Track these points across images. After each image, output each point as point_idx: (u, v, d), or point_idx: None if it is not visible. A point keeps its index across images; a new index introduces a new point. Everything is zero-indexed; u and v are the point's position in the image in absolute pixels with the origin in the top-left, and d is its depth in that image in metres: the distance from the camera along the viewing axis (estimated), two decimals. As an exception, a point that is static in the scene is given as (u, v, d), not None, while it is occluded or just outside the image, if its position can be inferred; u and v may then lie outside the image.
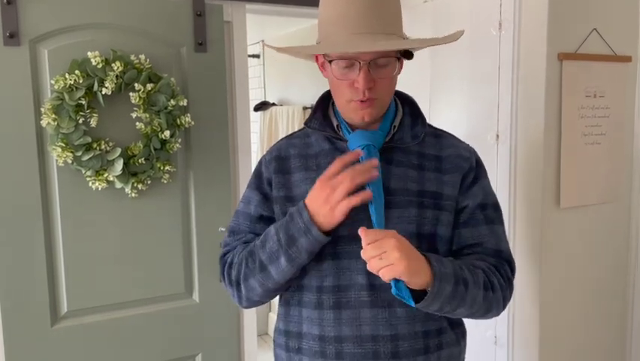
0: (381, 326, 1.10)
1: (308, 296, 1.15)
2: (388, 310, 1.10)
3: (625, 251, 2.01)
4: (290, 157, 1.21)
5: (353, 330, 1.10)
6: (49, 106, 1.71)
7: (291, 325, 1.18)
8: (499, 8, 1.84)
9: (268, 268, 1.11)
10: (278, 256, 1.09)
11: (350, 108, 1.11)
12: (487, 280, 1.10)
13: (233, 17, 2.10)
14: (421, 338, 1.12)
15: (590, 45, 1.81)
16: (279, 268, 1.10)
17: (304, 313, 1.15)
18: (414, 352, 1.11)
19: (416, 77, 2.19)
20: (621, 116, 1.92)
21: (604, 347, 2.00)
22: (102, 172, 1.80)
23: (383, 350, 1.10)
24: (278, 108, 3.88)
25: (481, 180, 1.20)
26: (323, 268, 1.13)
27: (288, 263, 1.09)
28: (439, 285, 1.01)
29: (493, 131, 1.89)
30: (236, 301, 1.21)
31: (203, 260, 2.04)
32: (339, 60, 1.07)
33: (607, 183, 1.91)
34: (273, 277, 1.11)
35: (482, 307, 1.10)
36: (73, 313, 1.87)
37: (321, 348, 1.13)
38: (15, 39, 1.71)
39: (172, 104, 1.84)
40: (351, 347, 1.10)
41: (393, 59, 1.08)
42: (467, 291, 1.05)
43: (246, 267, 1.15)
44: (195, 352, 2.08)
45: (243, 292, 1.16)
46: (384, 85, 1.10)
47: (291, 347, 1.17)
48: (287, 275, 1.11)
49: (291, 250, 1.08)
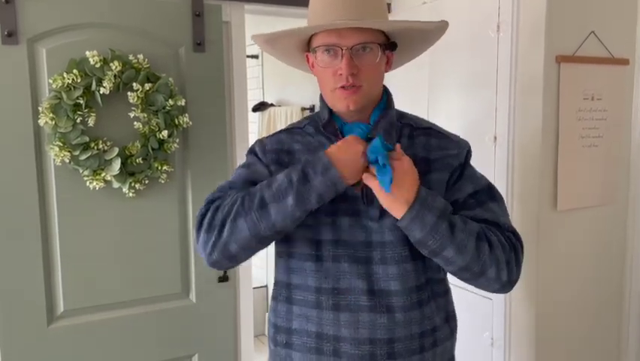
0: (379, 331, 1.11)
1: (303, 295, 1.16)
2: (387, 315, 1.11)
3: (622, 253, 2.01)
4: (295, 152, 1.21)
5: (351, 332, 1.11)
6: (47, 105, 1.71)
7: (279, 320, 1.20)
8: (497, 10, 1.84)
9: (269, 207, 1.05)
10: (285, 194, 1.04)
11: (335, 97, 1.12)
12: (484, 234, 1.09)
13: (231, 17, 2.10)
14: (417, 339, 1.14)
15: (587, 48, 1.81)
16: (283, 207, 1.04)
17: (295, 310, 1.16)
18: (409, 352, 1.12)
19: (414, 79, 2.19)
20: (619, 118, 1.93)
21: (600, 348, 2.01)
22: (100, 172, 1.80)
23: (380, 352, 1.11)
24: (276, 109, 3.88)
25: (465, 171, 1.19)
26: (323, 269, 1.14)
27: (294, 203, 1.04)
28: (420, 209, 1.04)
29: (491, 133, 1.89)
30: (206, 250, 1.10)
31: (200, 261, 2.04)
32: (323, 47, 1.10)
33: (604, 185, 1.91)
34: (271, 218, 1.05)
35: (476, 258, 1.07)
36: (69, 312, 1.87)
37: (317, 345, 1.14)
38: (13, 38, 1.71)
39: (170, 104, 1.83)
40: (348, 348, 1.12)
41: (376, 46, 1.11)
42: (454, 232, 1.05)
43: (240, 205, 1.08)
44: (191, 352, 2.07)
45: (224, 235, 1.07)
46: (369, 73, 1.11)
47: (278, 341, 1.20)
48: (287, 220, 1.05)
49: (303, 189, 1.04)
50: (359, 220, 1.13)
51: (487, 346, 1.95)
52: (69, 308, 1.86)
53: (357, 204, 1.14)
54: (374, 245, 1.13)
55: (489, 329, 1.94)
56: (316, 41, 1.13)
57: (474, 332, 1.97)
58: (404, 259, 1.13)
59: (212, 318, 2.08)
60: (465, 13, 1.97)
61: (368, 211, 1.13)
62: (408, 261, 1.13)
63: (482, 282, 1.11)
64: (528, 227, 1.82)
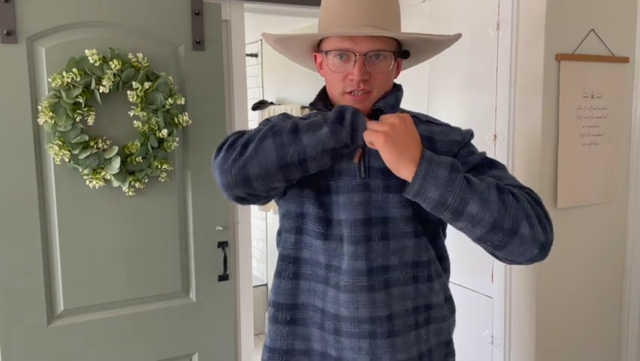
0: (379, 308, 1.12)
1: (312, 269, 1.16)
2: (384, 291, 1.12)
3: (621, 251, 2.02)
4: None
5: (351, 312, 1.12)
6: (47, 104, 1.71)
7: (281, 297, 1.19)
8: (497, 9, 1.84)
9: (301, 134, 1.03)
10: (320, 126, 1.03)
11: (344, 101, 1.12)
12: (503, 186, 1.03)
13: (231, 16, 2.09)
14: (412, 315, 1.15)
15: (587, 46, 1.81)
16: (318, 135, 1.02)
17: (303, 285, 1.17)
18: (407, 328, 1.14)
19: (414, 77, 2.19)
20: (619, 117, 1.93)
21: (600, 346, 2.01)
22: (99, 170, 1.80)
23: (380, 330, 1.12)
24: (276, 107, 3.88)
25: (465, 149, 1.17)
26: (331, 248, 1.14)
27: (330, 133, 1.02)
28: (429, 165, 0.99)
29: (491, 132, 1.89)
30: (223, 167, 1.07)
31: (200, 259, 2.04)
32: (336, 51, 1.09)
33: (604, 183, 1.92)
34: (302, 142, 1.02)
35: (504, 212, 0.99)
36: (69, 311, 1.87)
37: (321, 320, 1.16)
38: (12, 37, 1.70)
39: (169, 102, 1.83)
40: (348, 327, 1.13)
41: (389, 54, 1.10)
42: (471, 184, 0.99)
43: (270, 129, 1.05)
44: (192, 351, 2.08)
45: (247, 153, 1.04)
46: (379, 80, 1.11)
47: (280, 319, 1.19)
48: (318, 147, 1.02)
49: (338, 121, 1.03)
50: (358, 195, 1.12)
51: (487, 344, 1.95)
52: (69, 307, 1.86)
53: (354, 179, 1.13)
54: (373, 222, 1.12)
55: (489, 327, 1.94)
56: (329, 44, 1.11)
57: (474, 330, 1.97)
58: (405, 235, 1.13)
59: (212, 317, 2.09)
60: (465, 11, 1.97)
61: (368, 184, 1.12)
62: (410, 237, 1.14)
63: (516, 246, 1.01)
64: (528, 225, 1.81)
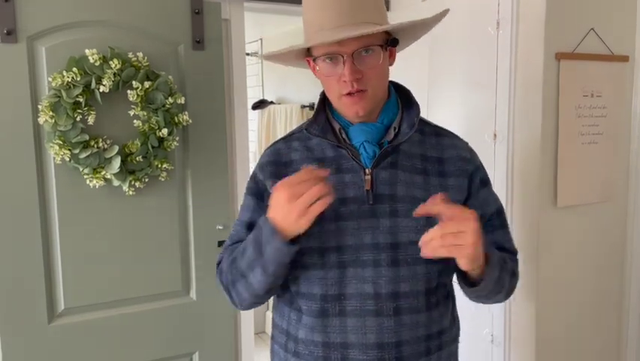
0: (387, 334, 1.09)
1: (308, 304, 1.12)
2: (394, 318, 1.09)
3: (621, 250, 2.02)
4: (292, 162, 1.17)
5: (359, 338, 1.09)
6: (47, 103, 1.71)
7: (291, 327, 1.17)
8: (496, 7, 1.84)
9: (248, 277, 1.09)
10: (255, 265, 1.07)
11: (342, 104, 1.10)
12: (512, 269, 1.19)
13: (231, 15, 2.09)
14: (424, 342, 1.12)
15: (587, 45, 1.81)
16: (256, 277, 1.07)
17: (304, 319, 1.14)
18: (416, 355, 1.11)
19: (414, 76, 2.19)
20: (618, 115, 1.93)
21: (600, 345, 2.01)
22: (99, 170, 1.80)
23: (387, 356, 1.09)
24: (276, 107, 3.88)
25: (489, 185, 1.22)
26: (328, 276, 1.10)
27: (263, 273, 1.06)
28: (490, 271, 1.07)
29: (491, 130, 1.89)
30: (232, 305, 1.21)
31: (200, 258, 2.04)
32: (324, 56, 1.07)
33: (604, 182, 1.92)
34: (253, 286, 1.09)
35: (506, 292, 1.18)
36: (70, 310, 1.87)
37: (324, 353, 1.11)
38: (12, 36, 1.71)
39: (170, 102, 1.83)
40: (356, 353, 1.09)
41: (378, 48, 1.07)
42: (504, 277, 1.13)
43: (231, 273, 1.14)
44: (192, 350, 2.08)
45: (234, 296, 1.16)
46: (373, 75, 1.08)
47: (289, 349, 1.17)
48: (266, 285, 1.08)
49: (263, 260, 1.04)
50: (365, 222, 1.10)
51: (488, 343, 1.95)
52: (70, 306, 1.87)
53: (363, 205, 1.10)
54: (382, 247, 1.09)
55: (489, 326, 1.94)
56: (316, 51, 1.09)
57: (474, 328, 1.97)
58: (416, 261, 1.08)
59: (213, 316, 2.09)
60: (464, 10, 1.96)
61: (376, 210, 1.10)
62: (420, 263, 1.09)
63: (491, 303, 1.22)
64: (528, 223, 1.82)
